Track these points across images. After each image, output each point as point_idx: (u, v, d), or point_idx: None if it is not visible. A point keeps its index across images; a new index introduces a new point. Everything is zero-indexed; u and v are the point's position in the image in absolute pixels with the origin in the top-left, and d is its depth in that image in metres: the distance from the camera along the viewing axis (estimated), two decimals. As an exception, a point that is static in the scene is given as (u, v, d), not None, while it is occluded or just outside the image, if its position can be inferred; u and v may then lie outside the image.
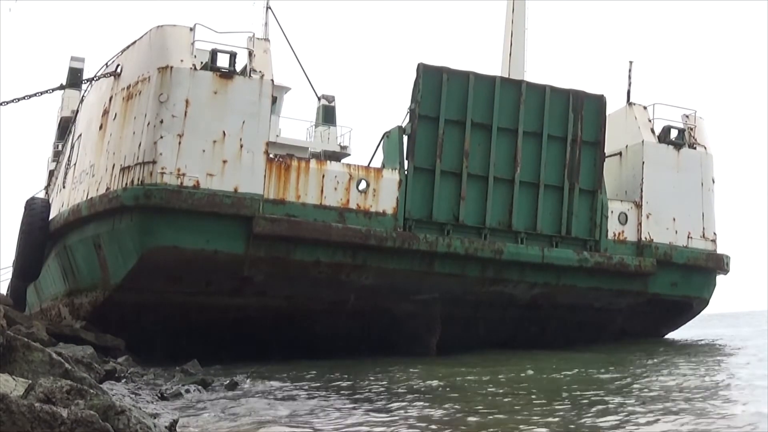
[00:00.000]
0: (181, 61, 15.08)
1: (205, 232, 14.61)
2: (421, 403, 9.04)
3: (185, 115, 14.81)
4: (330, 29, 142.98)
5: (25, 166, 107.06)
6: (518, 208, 16.98)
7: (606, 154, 17.98)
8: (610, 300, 18.16)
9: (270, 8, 30.62)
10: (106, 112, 16.84)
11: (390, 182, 16.16)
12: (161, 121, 14.78)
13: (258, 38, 16.13)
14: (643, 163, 18.39)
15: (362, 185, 15.97)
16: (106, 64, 17.66)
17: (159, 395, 9.61)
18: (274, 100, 18.52)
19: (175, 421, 6.66)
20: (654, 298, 18.41)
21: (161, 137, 14.69)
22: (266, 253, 15.04)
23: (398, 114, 40.17)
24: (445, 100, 16.57)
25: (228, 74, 15.16)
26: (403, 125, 16.65)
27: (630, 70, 19.43)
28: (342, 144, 30.28)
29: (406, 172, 16.32)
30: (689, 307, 19.27)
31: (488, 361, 13.73)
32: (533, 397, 9.42)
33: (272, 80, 15.53)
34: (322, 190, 15.65)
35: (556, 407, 8.42)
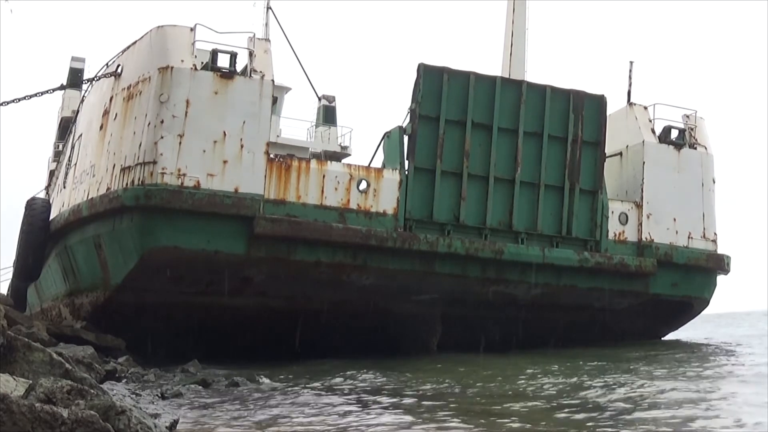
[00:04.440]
0: (182, 61, 15.08)
1: (205, 232, 14.61)
2: (420, 404, 9.04)
3: (186, 115, 14.81)
4: (330, 29, 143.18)
5: (25, 166, 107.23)
6: (519, 209, 16.97)
7: (606, 155, 17.98)
8: (611, 300, 18.14)
9: (270, 8, 30.63)
10: (106, 113, 16.85)
11: (390, 182, 16.16)
12: (162, 122, 14.78)
13: (258, 38, 16.14)
14: (644, 163, 18.38)
15: (363, 185, 15.96)
16: (107, 64, 17.68)
17: (159, 395, 9.60)
18: (275, 100, 18.52)
19: (176, 421, 6.66)
20: (654, 298, 18.40)
21: (162, 137, 14.69)
22: (267, 253, 15.04)
23: (399, 114, 40.24)
24: (446, 101, 16.56)
25: (228, 74, 15.16)
26: (404, 125, 16.64)
27: (630, 71, 19.42)
28: (342, 144, 30.30)
29: (406, 173, 16.31)
30: (690, 307, 19.26)
31: (488, 363, 13.71)
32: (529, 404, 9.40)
33: (273, 80, 15.53)
34: (322, 191, 15.65)
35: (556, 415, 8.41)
